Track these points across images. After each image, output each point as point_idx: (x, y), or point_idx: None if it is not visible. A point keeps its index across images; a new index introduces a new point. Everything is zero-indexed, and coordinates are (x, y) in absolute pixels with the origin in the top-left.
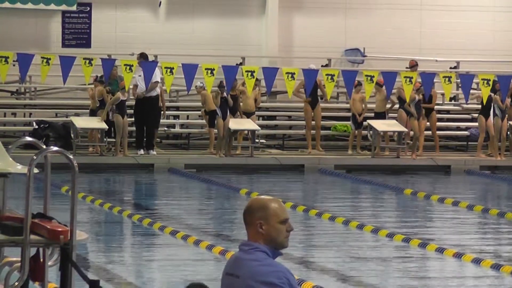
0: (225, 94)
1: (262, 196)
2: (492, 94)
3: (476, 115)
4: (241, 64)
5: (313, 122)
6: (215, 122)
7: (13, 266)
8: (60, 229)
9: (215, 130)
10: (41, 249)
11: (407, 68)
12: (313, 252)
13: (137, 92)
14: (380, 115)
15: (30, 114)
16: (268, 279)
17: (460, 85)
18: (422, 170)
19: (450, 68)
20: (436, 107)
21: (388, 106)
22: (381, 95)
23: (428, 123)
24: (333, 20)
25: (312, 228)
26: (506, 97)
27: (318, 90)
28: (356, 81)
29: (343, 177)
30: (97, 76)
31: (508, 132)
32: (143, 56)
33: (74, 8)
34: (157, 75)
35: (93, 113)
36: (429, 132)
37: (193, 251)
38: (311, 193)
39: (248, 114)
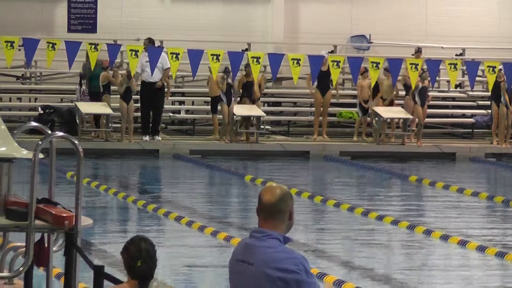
0: (229, 80)
1: (276, 185)
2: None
3: (482, 102)
4: (246, 50)
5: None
6: (218, 108)
7: (18, 251)
8: (65, 215)
9: (220, 116)
10: (45, 235)
11: (412, 55)
12: (317, 238)
13: (145, 78)
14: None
15: (36, 99)
16: (285, 266)
17: (465, 72)
18: (427, 157)
19: (456, 55)
20: (441, 94)
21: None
22: (389, 81)
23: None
24: (339, 7)
25: (317, 214)
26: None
27: (330, 77)
28: (363, 68)
29: (348, 164)
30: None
31: None
32: (150, 41)
33: None
34: (167, 61)
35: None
36: (433, 119)
37: (197, 237)
38: (316, 179)
39: (253, 101)
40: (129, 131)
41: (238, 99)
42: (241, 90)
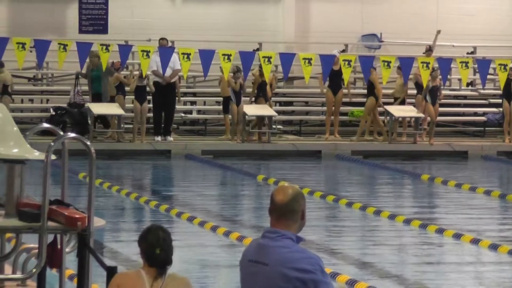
0: (240, 79)
1: (289, 185)
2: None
3: (493, 100)
4: (258, 50)
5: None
6: (229, 108)
7: (31, 252)
8: (77, 216)
9: (230, 116)
10: (58, 236)
11: (424, 53)
12: (330, 237)
13: (157, 78)
14: (400, 100)
15: (47, 100)
16: (301, 266)
17: (477, 70)
18: (439, 156)
19: (467, 53)
20: (453, 92)
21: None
22: (402, 80)
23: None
24: (349, 5)
25: (329, 213)
26: None
27: (341, 76)
28: (373, 68)
29: (360, 163)
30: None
31: None
32: (166, 41)
33: None
34: (178, 62)
35: (112, 99)
36: (445, 118)
37: (210, 237)
38: (328, 179)
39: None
40: (141, 132)
41: (253, 99)
42: (256, 90)
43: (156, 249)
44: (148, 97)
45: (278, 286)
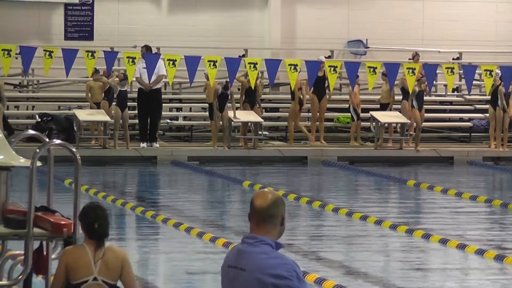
0: (221, 90)
1: (268, 190)
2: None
3: (479, 106)
4: (243, 56)
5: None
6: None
7: (17, 259)
8: (63, 222)
9: (221, 123)
10: (44, 242)
11: (409, 59)
12: (316, 243)
13: (143, 84)
14: (386, 106)
15: (33, 107)
16: (277, 272)
17: (462, 76)
18: (425, 162)
19: (453, 59)
20: (438, 98)
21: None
22: (387, 85)
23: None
24: (335, 12)
25: (316, 219)
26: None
27: (326, 82)
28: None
29: (346, 169)
30: (96, 70)
31: None
32: (147, 48)
33: (76, 0)
34: (163, 68)
35: (97, 105)
36: (431, 123)
37: (196, 243)
38: (314, 184)
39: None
40: (126, 138)
41: (238, 105)
42: (243, 96)
43: (95, 224)
44: (133, 103)
45: None
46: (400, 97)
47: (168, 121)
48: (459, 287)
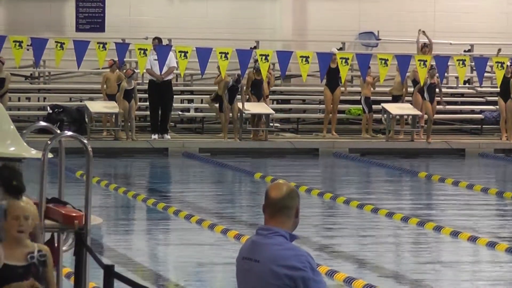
0: (231, 82)
1: (283, 182)
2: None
3: (490, 98)
4: (255, 48)
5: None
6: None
7: None
8: (74, 214)
9: (230, 114)
10: (55, 234)
11: (421, 51)
12: (327, 235)
13: (154, 75)
14: (398, 98)
15: (44, 98)
16: (291, 263)
17: (474, 68)
18: (437, 154)
19: (464, 51)
20: (450, 90)
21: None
22: (399, 77)
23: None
24: (347, 3)
25: (327, 211)
26: None
27: (339, 74)
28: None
29: (358, 161)
30: (113, 61)
31: None
32: (159, 41)
33: None
34: (174, 60)
35: (112, 97)
36: (442, 115)
37: (208, 235)
38: (325, 177)
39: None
40: (131, 129)
41: (247, 97)
42: (249, 88)
43: (13, 181)
44: (144, 95)
45: (268, 283)
46: (412, 89)
47: (180, 113)
48: (470, 279)
